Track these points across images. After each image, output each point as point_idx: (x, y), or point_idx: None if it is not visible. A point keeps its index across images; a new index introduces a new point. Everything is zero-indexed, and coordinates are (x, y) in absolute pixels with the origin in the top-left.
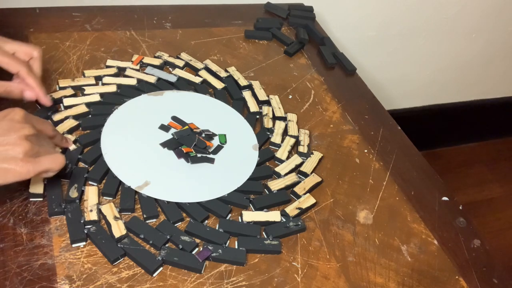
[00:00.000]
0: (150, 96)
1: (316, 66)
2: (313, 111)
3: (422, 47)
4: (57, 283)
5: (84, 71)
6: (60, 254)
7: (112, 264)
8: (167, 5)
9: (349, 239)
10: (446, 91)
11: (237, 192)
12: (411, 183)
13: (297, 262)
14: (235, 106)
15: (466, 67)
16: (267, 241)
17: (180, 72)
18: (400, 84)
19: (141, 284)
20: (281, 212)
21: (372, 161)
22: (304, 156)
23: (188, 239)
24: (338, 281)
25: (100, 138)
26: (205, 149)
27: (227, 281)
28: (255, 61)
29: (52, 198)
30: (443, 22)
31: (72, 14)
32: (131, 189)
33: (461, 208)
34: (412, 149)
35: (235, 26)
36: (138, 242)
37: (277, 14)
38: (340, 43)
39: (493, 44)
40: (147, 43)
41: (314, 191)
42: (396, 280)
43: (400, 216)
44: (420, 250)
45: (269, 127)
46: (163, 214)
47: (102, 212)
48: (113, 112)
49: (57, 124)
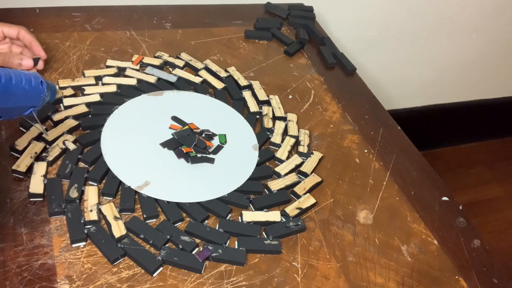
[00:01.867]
0: (150, 96)
1: (316, 66)
2: (313, 111)
3: (422, 47)
4: (57, 283)
5: (84, 71)
6: (60, 254)
7: (112, 264)
8: (167, 5)
9: (349, 239)
10: (446, 91)
11: (237, 192)
12: (411, 183)
13: (297, 262)
14: (235, 106)
15: (466, 67)
16: (267, 241)
17: (180, 72)
18: (400, 84)
19: (141, 284)
20: (281, 212)
21: (372, 161)
22: (304, 156)
23: (188, 239)
24: (338, 281)
25: (100, 138)
26: (205, 149)
27: (227, 281)
28: (255, 61)
29: (52, 198)
30: (443, 22)
31: (72, 14)
32: (131, 189)
33: (461, 208)
34: (412, 149)
35: (235, 26)
36: (138, 242)
37: (277, 14)
38: (340, 43)
39: (493, 44)
40: (147, 43)
41: (314, 191)
42: (396, 280)
43: (400, 216)
44: (420, 250)
45: (269, 127)
46: (163, 214)
47: (102, 212)
48: (113, 112)
49: (57, 124)
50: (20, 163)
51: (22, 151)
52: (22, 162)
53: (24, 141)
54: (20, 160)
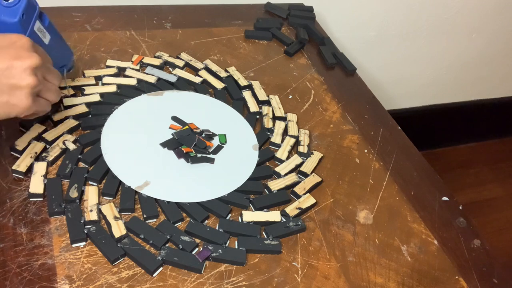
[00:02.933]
0: (150, 96)
1: (316, 66)
2: (313, 111)
3: (422, 47)
4: (57, 283)
5: (84, 71)
6: (60, 254)
7: (112, 264)
8: (167, 5)
9: (349, 239)
10: (446, 91)
11: (237, 192)
12: (411, 183)
13: (297, 262)
14: (235, 106)
15: (466, 67)
16: (267, 241)
17: (180, 72)
18: (400, 84)
19: (141, 284)
20: (281, 212)
21: (372, 161)
22: (304, 156)
23: (188, 239)
24: (338, 281)
25: (100, 138)
26: (205, 149)
27: (227, 281)
28: (255, 61)
29: (52, 198)
30: (443, 22)
31: (72, 14)
32: (131, 189)
33: (461, 208)
34: (412, 149)
35: (235, 26)
36: (138, 242)
37: (277, 14)
38: (340, 43)
39: (493, 44)
40: (147, 43)
41: (314, 191)
42: (396, 280)
43: (400, 216)
44: (420, 250)
45: (269, 127)
46: (163, 214)
47: (102, 212)
48: (113, 112)
49: (57, 124)
50: (20, 163)
51: (22, 151)
52: (22, 162)
53: (24, 141)
54: (20, 160)
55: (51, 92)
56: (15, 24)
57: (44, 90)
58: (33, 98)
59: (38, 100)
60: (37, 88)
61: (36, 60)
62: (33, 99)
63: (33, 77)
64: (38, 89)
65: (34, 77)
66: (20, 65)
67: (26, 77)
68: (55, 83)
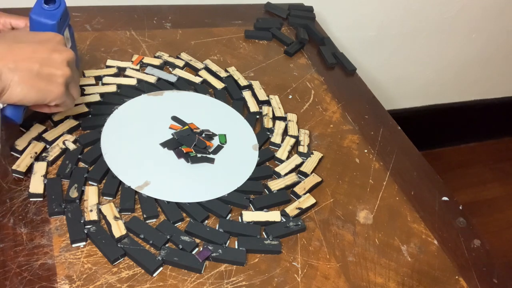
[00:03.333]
0: (150, 96)
1: (316, 66)
2: (313, 111)
3: (422, 47)
4: (57, 283)
5: (84, 71)
6: (60, 254)
7: (112, 264)
8: (167, 5)
9: (349, 239)
10: (446, 91)
11: (237, 192)
12: (411, 183)
13: (297, 262)
14: (235, 106)
15: (466, 67)
16: (267, 241)
17: (180, 72)
18: (400, 84)
19: (141, 284)
20: (281, 212)
21: (372, 161)
22: (304, 156)
23: (188, 239)
24: (338, 281)
25: (100, 138)
26: (205, 149)
27: (227, 281)
28: (255, 61)
29: (52, 198)
30: (443, 22)
31: (72, 14)
32: (131, 189)
33: (461, 208)
34: (412, 149)
35: (235, 26)
36: (138, 242)
37: (277, 14)
38: (340, 43)
39: (493, 44)
40: (147, 43)
41: (314, 191)
42: (396, 280)
43: (400, 216)
44: (420, 250)
45: (269, 127)
46: (163, 214)
47: (102, 212)
48: (113, 112)
49: (57, 124)
50: (20, 163)
51: (22, 151)
52: (22, 162)
53: (24, 141)
54: (20, 160)
55: (76, 88)
56: (53, 26)
57: (72, 84)
58: (65, 87)
59: (67, 92)
60: (70, 79)
61: (71, 54)
62: (65, 88)
63: (68, 68)
64: (70, 80)
65: (69, 68)
66: (58, 57)
67: (62, 68)
68: (78, 81)
